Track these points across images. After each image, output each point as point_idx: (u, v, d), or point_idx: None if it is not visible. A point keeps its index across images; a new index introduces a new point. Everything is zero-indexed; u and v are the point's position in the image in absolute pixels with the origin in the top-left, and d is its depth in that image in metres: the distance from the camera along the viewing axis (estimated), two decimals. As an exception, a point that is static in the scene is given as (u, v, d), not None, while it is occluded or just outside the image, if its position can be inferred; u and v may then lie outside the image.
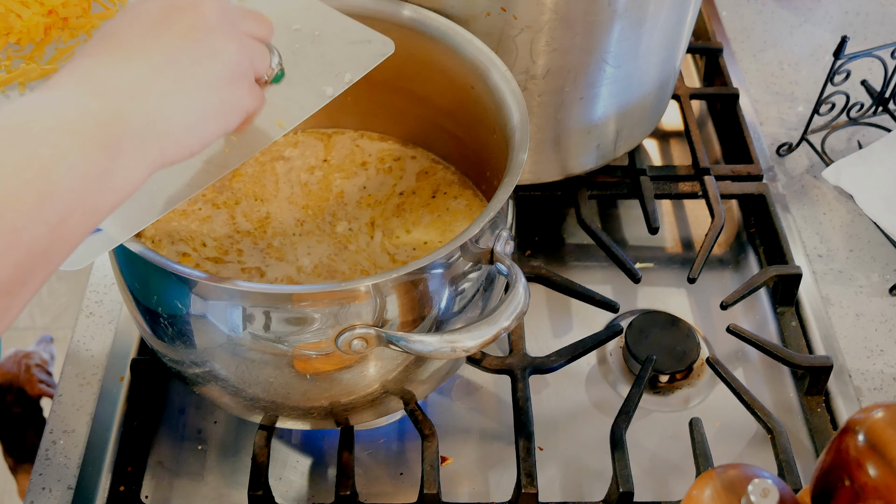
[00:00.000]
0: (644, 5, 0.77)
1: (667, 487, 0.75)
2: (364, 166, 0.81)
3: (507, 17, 0.74)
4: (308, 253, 0.73)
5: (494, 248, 0.63)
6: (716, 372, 0.79)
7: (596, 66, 0.79)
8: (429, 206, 0.77)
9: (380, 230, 0.75)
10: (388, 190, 0.79)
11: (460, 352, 0.58)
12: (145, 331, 0.66)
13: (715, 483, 0.51)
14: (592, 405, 0.80)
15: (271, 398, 0.65)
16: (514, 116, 0.67)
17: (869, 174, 0.93)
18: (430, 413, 0.79)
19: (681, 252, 0.93)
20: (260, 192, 0.78)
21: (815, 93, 1.03)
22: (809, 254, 0.90)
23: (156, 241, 0.74)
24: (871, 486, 0.48)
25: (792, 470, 0.72)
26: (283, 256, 0.73)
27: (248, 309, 0.59)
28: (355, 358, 0.62)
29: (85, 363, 0.81)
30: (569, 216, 0.95)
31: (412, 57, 0.76)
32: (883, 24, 1.15)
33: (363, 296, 0.59)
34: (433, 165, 0.81)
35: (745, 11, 1.17)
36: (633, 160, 0.93)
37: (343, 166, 0.80)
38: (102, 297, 0.86)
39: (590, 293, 0.83)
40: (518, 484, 0.71)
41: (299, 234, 0.74)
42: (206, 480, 0.75)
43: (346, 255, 0.74)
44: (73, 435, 0.76)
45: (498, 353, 0.80)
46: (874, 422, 0.49)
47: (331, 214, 0.76)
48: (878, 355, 0.83)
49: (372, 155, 0.82)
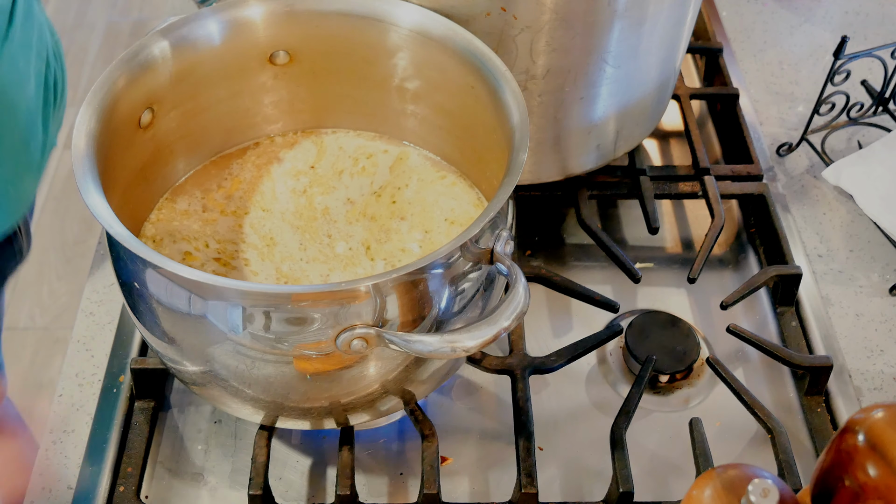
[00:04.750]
0: (644, 5, 0.77)
1: (667, 487, 0.75)
2: (339, 174, 0.80)
3: (507, 17, 0.74)
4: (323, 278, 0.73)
5: (494, 248, 0.63)
6: (716, 372, 0.79)
7: (596, 66, 0.79)
8: (426, 206, 0.77)
9: (381, 259, 0.74)
10: (367, 191, 0.79)
11: (460, 352, 0.58)
12: (145, 331, 0.66)
13: (715, 483, 0.51)
14: (592, 405, 0.81)
15: (271, 398, 0.65)
16: (514, 116, 0.67)
17: (869, 174, 0.93)
18: (430, 413, 0.79)
19: (681, 252, 0.93)
20: (260, 200, 0.78)
21: (815, 93, 1.03)
22: (809, 254, 0.90)
23: (157, 241, 0.74)
24: (871, 486, 0.48)
25: (792, 470, 0.72)
26: (298, 281, 0.73)
27: (248, 309, 0.59)
28: (355, 358, 0.62)
29: (85, 363, 0.81)
30: (569, 216, 0.95)
31: (412, 57, 0.76)
32: (883, 24, 1.15)
33: (363, 296, 0.59)
34: (405, 151, 0.81)
35: (745, 11, 1.17)
36: (633, 160, 0.93)
37: (322, 180, 0.80)
38: (102, 297, 0.86)
39: (590, 293, 0.83)
40: (518, 484, 0.71)
41: (306, 262, 0.74)
42: (206, 480, 0.75)
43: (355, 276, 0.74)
44: (73, 435, 0.76)
45: (498, 353, 0.80)
46: (874, 422, 0.49)
47: (326, 235, 0.76)
48: (878, 355, 0.83)
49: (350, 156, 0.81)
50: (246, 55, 0.77)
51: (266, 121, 0.82)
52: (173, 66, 0.73)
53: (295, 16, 0.76)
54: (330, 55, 0.79)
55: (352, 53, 0.78)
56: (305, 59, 0.79)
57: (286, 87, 0.80)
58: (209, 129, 0.79)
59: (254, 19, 0.75)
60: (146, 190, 0.76)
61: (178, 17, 0.73)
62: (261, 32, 0.76)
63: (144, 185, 0.75)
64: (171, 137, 0.76)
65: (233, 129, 0.81)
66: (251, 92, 0.80)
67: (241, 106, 0.80)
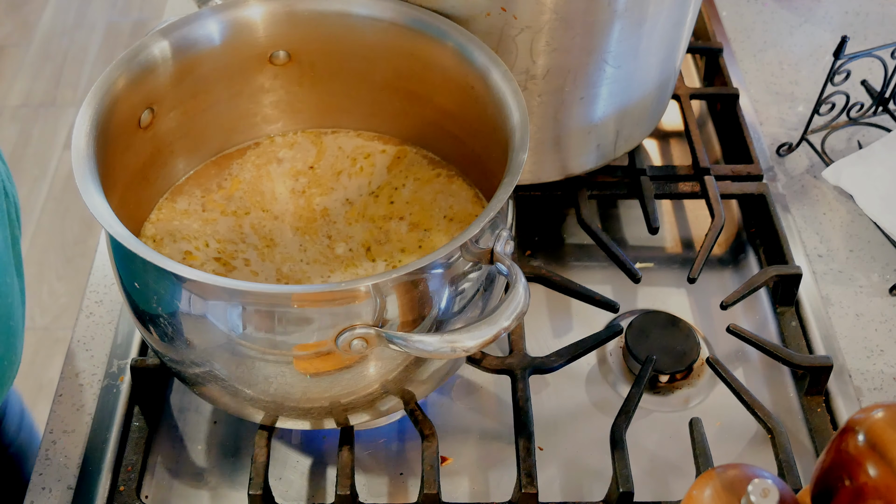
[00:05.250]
0: (644, 5, 0.77)
1: (667, 487, 0.75)
2: (338, 175, 0.80)
3: (507, 17, 0.74)
4: (323, 279, 0.73)
5: (494, 248, 0.63)
6: (716, 372, 0.79)
7: (596, 66, 0.79)
8: (424, 205, 0.77)
9: (382, 260, 0.74)
10: (365, 192, 0.79)
11: (460, 352, 0.58)
12: (145, 331, 0.66)
13: (715, 483, 0.51)
14: (592, 405, 0.81)
15: (271, 398, 0.65)
16: (514, 116, 0.67)
17: (869, 174, 0.93)
18: (430, 413, 0.79)
19: (681, 252, 0.93)
20: (260, 201, 0.78)
21: (815, 93, 1.03)
22: (809, 254, 0.90)
23: (157, 240, 0.74)
24: (871, 486, 0.48)
25: (792, 470, 0.72)
26: (299, 282, 0.73)
27: (248, 309, 0.59)
28: (355, 358, 0.62)
29: (85, 363, 0.81)
30: (569, 216, 0.95)
31: (412, 57, 0.76)
32: (883, 24, 1.15)
33: (363, 296, 0.59)
34: (403, 150, 0.81)
35: (745, 11, 1.17)
36: (633, 160, 0.93)
37: (321, 181, 0.80)
38: (102, 297, 0.86)
39: (590, 293, 0.83)
40: (518, 484, 0.71)
41: (307, 263, 0.74)
42: (206, 480, 0.75)
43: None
44: (73, 435, 0.76)
45: (498, 353, 0.80)
46: (874, 422, 0.49)
47: (326, 237, 0.76)
48: (878, 355, 0.83)
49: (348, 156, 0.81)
50: (246, 55, 0.77)
51: (266, 121, 0.82)
52: (173, 66, 0.73)
53: (295, 16, 0.76)
54: (330, 55, 0.79)
55: (352, 53, 0.78)
56: (305, 59, 0.79)
57: (286, 87, 0.81)
58: (209, 129, 0.79)
59: (254, 19, 0.75)
60: (146, 190, 0.76)
61: (178, 17, 0.73)
62: (261, 32, 0.76)
63: (144, 185, 0.75)
64: (171, 137, 0.76)
65: (233, 129, 0.81)
66: (251, 92, 0.80)
67: (240, 106, 0.80)
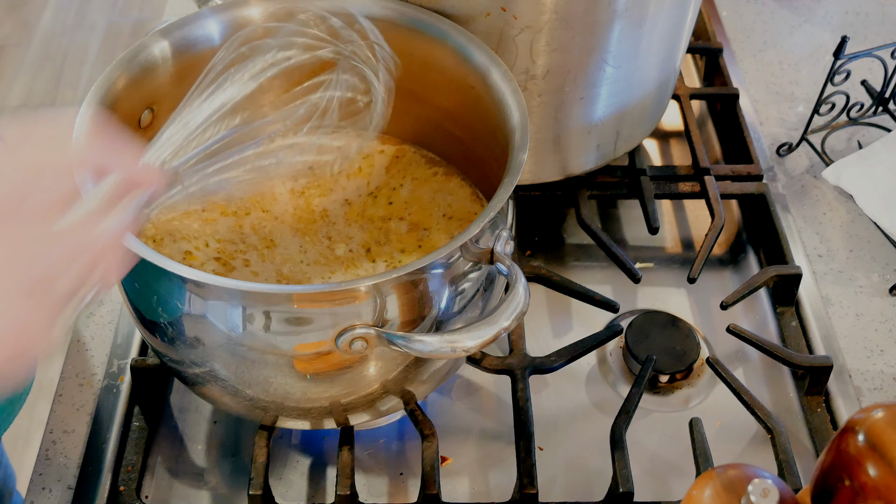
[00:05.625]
0: (644, 5, 0.77)
1: (667, 487, 0.75)
2: (337, 176, 0.80)
3: (507, 17, 0.74)
4: (324, 280, 0.73)
5: (494, 248, 0.63)
6: (716, 372, 0.79)
7: (596, 66, 0.79)
8: (423, 205, 0.77)
9: (382, 261, 0.74)
10: (364, 192, 0.78)
11: (460, 352, 0.58)
12: (145, 331, 0.66)
13: (715, 483, 0.51)
14: (592, 405, 0.80)
15: (271, 398, 0.65)
16: (514, 116, 0.67)
17: (869, 174, 0.93)
18: (430, 413, 0.79)
19: (681, 252, 0.93)
20: (260, 201, 0.78)
21: (815, 93, 1.03)
22: (809, 254, 0.90)
23: (157, 240, 0.74)
24: (871, 486, 0.48)
25: (792, 470, 0.72)
26: (299, 283, 0.73)
27: (248, 309, 0.59)
28: (355, 358, 0.62)
29: (85, 363, 0.81)
30: (569, 216, 0.95)
31: (412, 57, 0.76)
32: (883, 24, 1.15)
33: (363, 296, 0.59)
34: (401, 149, 0.81)
35: (745, 11, 1.17)
36: (633, 160, 0.93)
37: (320, 181, 0.80)
38: (102, 297, 0.86)
39: (590, 293, 0.83)
40: (518, 484, 0.71)
41: (307, 264, 0.74)
42: (206, 480, 0.75)
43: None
44: (73, 435, 0.76)
45: (498, 353, 0.80)
46: (874, 422, 0.49)
47: (326, 238, 0.76)
48: (878, 355, 0.83)
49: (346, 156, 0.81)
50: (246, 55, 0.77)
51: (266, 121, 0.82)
52: (173, 66, 0.73)
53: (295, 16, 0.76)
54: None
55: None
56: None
57: (286, 87, 0.80)
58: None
59: (254, 19, 0.75)
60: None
61: (178, 17, 0.73)
62: (260, 32, 0.76)
63: (144, 185, 0.75)
64: (171, 137, 0.76)
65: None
66: (251, 91, 0.79)
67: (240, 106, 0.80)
